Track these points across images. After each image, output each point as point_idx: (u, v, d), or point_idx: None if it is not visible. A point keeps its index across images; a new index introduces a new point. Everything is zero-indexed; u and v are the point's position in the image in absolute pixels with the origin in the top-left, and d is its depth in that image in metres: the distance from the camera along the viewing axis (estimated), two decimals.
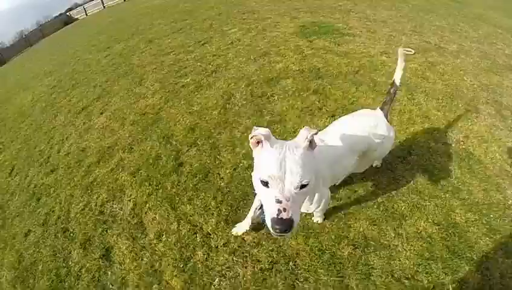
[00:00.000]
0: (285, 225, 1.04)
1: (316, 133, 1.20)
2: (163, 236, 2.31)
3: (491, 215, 2.01)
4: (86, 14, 25.48)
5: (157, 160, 2.91)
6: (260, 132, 1.19)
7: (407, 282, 1.70)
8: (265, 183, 1.11)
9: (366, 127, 1.77)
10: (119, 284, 2.21)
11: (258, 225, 2.07)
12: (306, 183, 1.09)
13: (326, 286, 1.75)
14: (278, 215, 1.05)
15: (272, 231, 1.08)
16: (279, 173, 1.08)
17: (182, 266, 2.10)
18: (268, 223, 1.08)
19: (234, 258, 2.02)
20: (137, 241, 2.37)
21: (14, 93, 8.38)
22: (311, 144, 1.23)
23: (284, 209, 1.05)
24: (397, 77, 1.95)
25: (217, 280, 1.96)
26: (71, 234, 2.77)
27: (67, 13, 31.23)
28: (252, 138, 1.23)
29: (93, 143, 3.62)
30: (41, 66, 9.47)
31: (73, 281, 2.38)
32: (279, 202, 1.06)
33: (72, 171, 3.47)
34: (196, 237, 2.23)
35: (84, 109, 4.57)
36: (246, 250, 2.05)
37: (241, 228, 2.12)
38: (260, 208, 1.66)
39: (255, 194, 1.97)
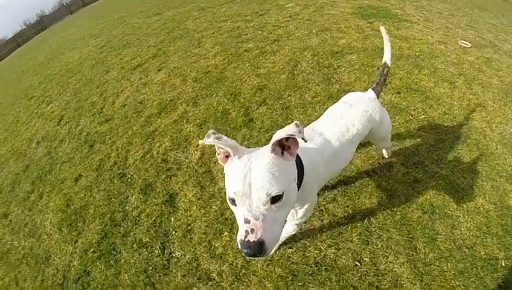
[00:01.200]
0: (252, 248, 0.85)
1: (292, 135, 0.93)
2: None
3: None
4: None
5: (226, 114, 2.77)
6: (227, 143, 0.98)
7: (467, 251, 1.69)
8: (233, 202, 0.93)
9: (366, 115, 1.53)
10: (184, 231, 2.09)
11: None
12: (277, 194, 0.89)
13: (397, 244, 1.74)
14: (244, 237, 0.87)
15: (243, 253, 0.90)
16: (244, 188, 0.90)
17: None
18: (238, 245, 0.90)
19: None
20: (205, 189, 2.25)
21: (59, 54, 8.38)
22: (288, 144, 0.99)
23: (252, 231, 0.87)
24: (387, 58, 1.79)
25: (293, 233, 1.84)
26: (129, 180, 2.66)
27: None
28: (218, 154, 1.04)
29: (153, 96, 3.50)
30: (86, 30, 9.43)
31: (131, 226, 2.27)
32: (247, 222, 0.88)
33: (129, 121, 3.35)
34: None
35: (139, 66, 4.46)
36: (322, 204, 1.99)
37: None
38: None
39: None
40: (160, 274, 1.93)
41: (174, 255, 2.00)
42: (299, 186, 1.10)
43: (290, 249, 1.80)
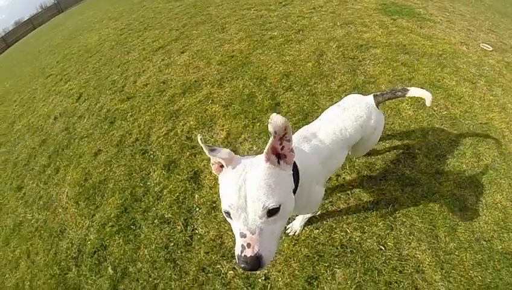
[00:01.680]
0: (250, 263, 0.82)
1: (286, 134, 0.86)
2: None
3: None
4: None
5: (252, 97, 2.75)
6: (221, 155, 0.93)
7: (485, 244, 1.72)
8: (229, 215, 0.88)
9: (360, 121, 1.50)
10: (208, 208, 2.08)
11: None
12: (274, 207, 0.84)
13: (420, 232, 1.75)
14: (241, 252, 0.83)
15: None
16: (239, 201, 0.85)
17: None
18: (236, 260, 0.86)
19: (337, 194, 1.97)
20: None
21: (77, 35, 8.37)
22: (283, 153, 0.92)
23: (249, 245, 0.83)
24: (418, 93, 1.62)
25: (318, 212, 1.88)
26: (151, 156, 2.65)
27: None
28: (212, 164, 0.99)
29: (176, 77, 3.49)
30: (104, 13, 9.39)
31: (152, 201, 2.26)
32: (243, 236, 0.84)
33: (152, 99, 3.35)
34: None
35: (162, 48, 4.45)
36: (349, 188, 2.00)
37: None
38: None
39: None
40: (182, 250, 1.92)
41: (197, 231, 1.98)
42: (296, 188, 1.05)
43: (317, 230, 1.80)
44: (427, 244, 1.68)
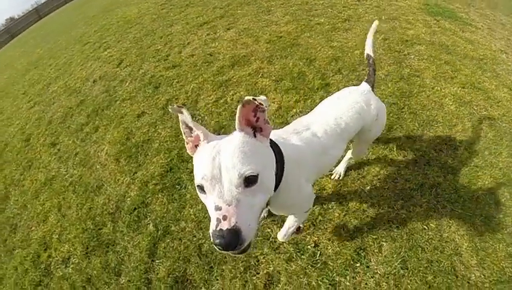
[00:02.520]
0: (227, 237, 0.73)
1: (259, 105, 0.82)
2: None
3: None
4: None
5: (302, 76, 2.80)
6: (196, 130, 0.90)
7: None
8: (202, 189, 0.82)
9: (356, 107, 1.40)
10: None
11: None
12: (251, 175, 0.79)
13: (459, 218, 1.78)
14: (216, 226, 0.75)
15: (216, 249, 0.77)
16: (213, 171, 0.79)
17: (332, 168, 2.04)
18: (211, 239, 0.77)
19: (385, 172, 2.04)
20: None
21: (114, 8, 8.45)
22: (259, 125, 0.89)
23: (224, 217, 0.75)
24: (369, 50, 1.71)
25: (368, 187, 1.94)
26: (199, 120, 2.70)
27: None
28: (187, 143, 0.95)
29: (223, 50, 3.55)
30: None
31: None
32: (218, 209, 0.77)
33: (199, 69, 3.41)
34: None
35: (206, 23, 4.51)
36: (395, 169, 2.04)
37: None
38: None
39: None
40: None
41: None
42: (279, 179, 1.00)
43: (366, 204, 1.85)
44: (465, 230, 1.72)
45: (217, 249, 0.76)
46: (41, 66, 7.11)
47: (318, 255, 1.67)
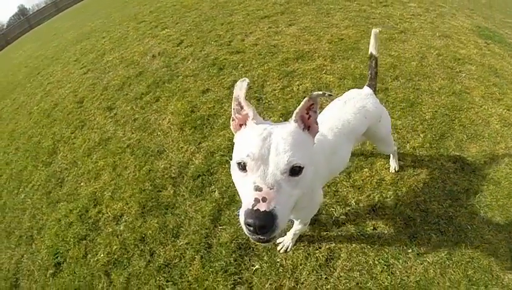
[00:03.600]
0: (263, 219, 0.70)
1: (323, 95, 0.86)
2: None
3: None
4: None
5: (363, 78, 2.94)
6: (247, 108, 0.91)
7: None
8: (243, 167, 0.81)
9: (361, 111, 1.46)
10: None
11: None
12: (298, 166, 0.78)
13: (498, 224, 1.87)
14: (253, 206, 0.72)
15: (244, 229, 0.75)
16: (261, 151, 0.78)
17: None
18: (241, 218, 0.75)
19: (434, 172, 2.17)
20: None
21: None
22: (309, 123, 0.93)
23: (264, 199, 0.72)
24: (373, 48, 1.68)
25: (421, 184, 2.09)
26: (266, 104, 2.86)
27: None
28: (233, 119, 0.96)
29: (287, 44, 3.73)
30: None
31: None
32: (258, 189, 0.75)
33: (264, 58, 3.58)
34: (406, 146, 2.33)
35: (267, 17, 4.69)
36: (446, 173, 2.19)
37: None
38: None
39: None
40: None
41: None
42: None
43: (419, 198, 2.00)
44: (503, 235, 1.82)
45: (245, 230, 0.74)
46: (93, 37, 7.32)
47: (376, 237, 1.82)
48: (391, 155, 2.17)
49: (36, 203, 2.89)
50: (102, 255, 2.10)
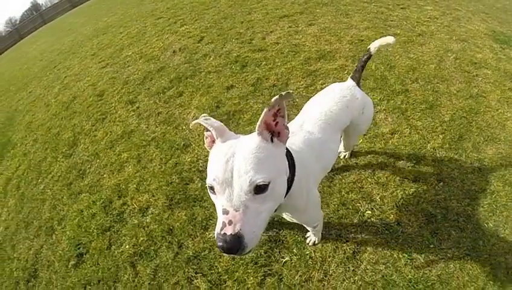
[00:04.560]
0: (229, 243, 0.73)
1: (281, 98, 0.80)
2: (396, 134, 2.46)
3: None
4: None
5: (384, 79, 3.03)
6: (212, 123, 0.89)
7: None
8: (213, 190, 0.81)
9: (342, 100, 1.44)
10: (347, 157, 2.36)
11: None
12: (262, 184, 0.77)
13: None
14: (221, 229, 0.75)
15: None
16: (224, 175, 0.78)
17: (414, 161, 2.28)
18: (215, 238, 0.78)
19: (453, 172, 2.23)
20: (370, 130, 2.50)
21: None
22: (278, 130, 0.88)
23: (230, 223, 0.75)
24: (373, 46, 1.69)
25: (441, 183, 2.16)
26: (292, 102, 2.88)
27: None
28: (206, 137, 0.95)
29: (308, 44, 3.78)
30: None
31: None
32: (225, 213, 0.77)
33: (286, 56, 3.63)
34: (427, 146, 2.38)
35: (287, 16, 4.72)
36: (464, 173, 2.23)
37: None
38: None
39: None
40: (324, 186, 2.15)
41: (338, 174, 2.22)
42: (290, 183, 0.99)
43: (439, 196, 2.06)
44: None
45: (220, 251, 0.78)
46: (110, 33, 7.37)
47: (400, 232, 1.88)
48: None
49: (56, 194, 2.94)
50: (127, 247, 2.14)
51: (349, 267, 1.75)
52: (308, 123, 1.32)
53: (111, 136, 3.35)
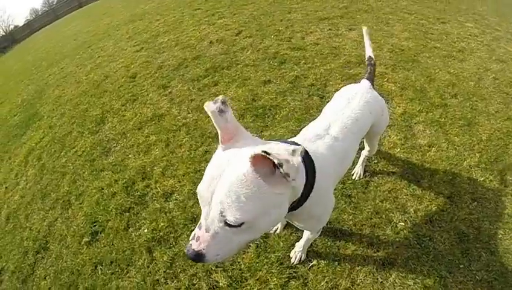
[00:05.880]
0: (191, 254, 0.72)
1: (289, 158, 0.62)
2: (434, 148, 2.41)
3: None
4: None
5: (423, 91, 2.96)
6: (218, 122, 0.79)
7: None
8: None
9: (367, 106, 1.34)
10: (385, 164, 2.32)
11: None
12: (232, 223, 0.69)
13: None
14: (191, 239, 0.74)
15: None
16: (206, 193, 0.73)
17: (450, 177, 2.23)
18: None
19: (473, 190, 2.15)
20: (408, 139, 2.47)
21: None
22: (278, 167, 0.62)
23: (197, 239, 0.73)
24: (369, 52, 1.74)
25: (475, 203, 2.10)
26: (324, 99, 2.85)
27: None
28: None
29: (348, 48, 3.71)
30: None
31: None
32: (199, 227, 0.75)
33: (326, 58, 3.57)
34: (463, 163, 2.33)
35: (327, 19, 4.65)
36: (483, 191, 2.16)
37: None
38: None
39: None
40: (359, 191, 2.10)
41: (373, 180, 2.17)
42: (309, 191, 0.91)
43: (472, 216, 2.00)
44: None
45: None
46: (147, 19, 7.37)
47: (431, 248, 1.81)
48: (360, 161, 2.11)
49: (78, 169, 2.91)
50: (146, 231, 2.06)
51: (377, 279, 1.69)
52: (335, 128, 1.20)
53: (140, 117, 3.33)
